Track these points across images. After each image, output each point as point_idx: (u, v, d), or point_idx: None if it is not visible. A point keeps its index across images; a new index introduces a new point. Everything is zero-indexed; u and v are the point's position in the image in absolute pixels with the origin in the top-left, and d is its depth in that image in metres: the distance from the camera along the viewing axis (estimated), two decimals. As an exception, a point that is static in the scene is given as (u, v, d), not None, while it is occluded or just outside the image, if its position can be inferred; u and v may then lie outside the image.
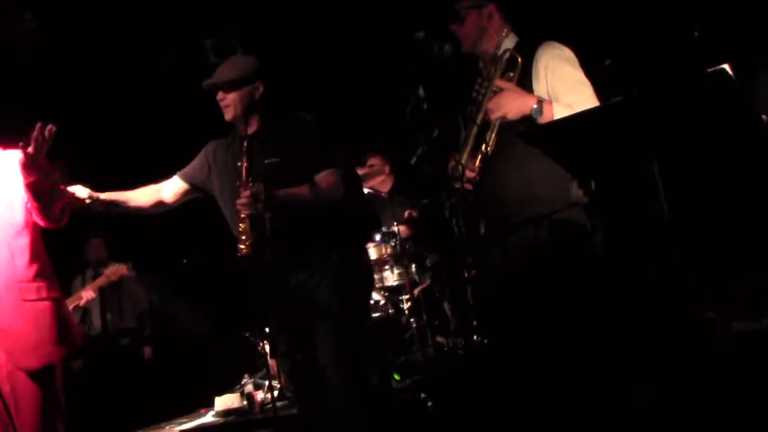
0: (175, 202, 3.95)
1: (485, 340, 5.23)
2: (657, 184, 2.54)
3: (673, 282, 3.30)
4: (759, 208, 3.87)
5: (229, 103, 3.67)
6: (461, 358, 5.26)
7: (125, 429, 5.74)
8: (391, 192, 6.21)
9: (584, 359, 3.14)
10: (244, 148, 3.61)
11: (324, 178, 3.61)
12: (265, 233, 3.51)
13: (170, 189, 3.93)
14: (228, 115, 3.71)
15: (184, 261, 3.21)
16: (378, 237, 5.88)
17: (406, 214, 6.11)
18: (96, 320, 6.86)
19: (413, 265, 5.72)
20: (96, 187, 3.67)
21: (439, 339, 5.75)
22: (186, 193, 3.93)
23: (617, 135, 2.54)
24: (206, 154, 3.92)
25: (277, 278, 3.27)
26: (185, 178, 3.92)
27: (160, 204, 3.92)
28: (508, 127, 3.19)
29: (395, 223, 5.81)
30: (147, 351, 6.96)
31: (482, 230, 3.45)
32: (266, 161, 3.59)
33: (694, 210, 4.34)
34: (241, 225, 3.53)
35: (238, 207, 3.47)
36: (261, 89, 3.71)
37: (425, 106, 3.05)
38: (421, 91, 3.07)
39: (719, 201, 4.19)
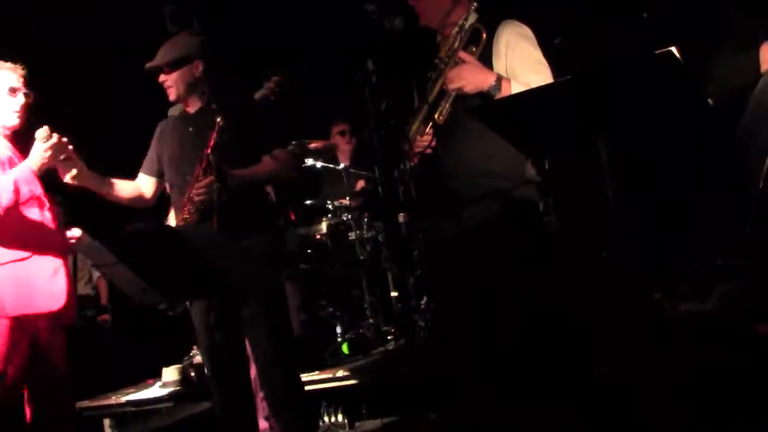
0: (153, 197, 4.04)
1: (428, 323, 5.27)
2: (604, 163, 2.55)
3: (622, 262, 3.32)
4: (706, 190, 3.91)
5: (171, 83, 3.76)
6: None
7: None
8: (348, 164, 6.19)
9: (535, 334, 3.15)
10: (213, 132, 3.57)
11: (278, 155, 3.73)
12: (212, 203, 3.54)
13: (144, 186, 4.00)
14: (171, 96, 3.80)
15: (125, 227, 3.16)
16: (330, 210, 5.86)
17: (357, 186, 6.10)
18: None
19: (364, 241, 5.70)
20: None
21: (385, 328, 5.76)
22: (157, 184, 4.00)
23: (565, 114, 2.53)
24: (156, 139, 3.99)
25: (224, 246, 3.23)
26: (149, 171, 3.98)
27: (140, 198, 4.00)
28: (464, 101, 3.17)
29: (347, 197, 5.79)
30: (104, 319, 6.89)
31: (434, 203, 3.43)
32: (219, 140, 3.58)
33: (642, 191, 4.38)
34: (190, 205, 3.62)
35: (193, 195, 3.58)
36: (200, 67, 3.76)
37: (374, 79, 3.02)
38: (370, 64, 3.04)
39: (667, 182, 4.22)
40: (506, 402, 3.20)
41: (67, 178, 3.60)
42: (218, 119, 3.57)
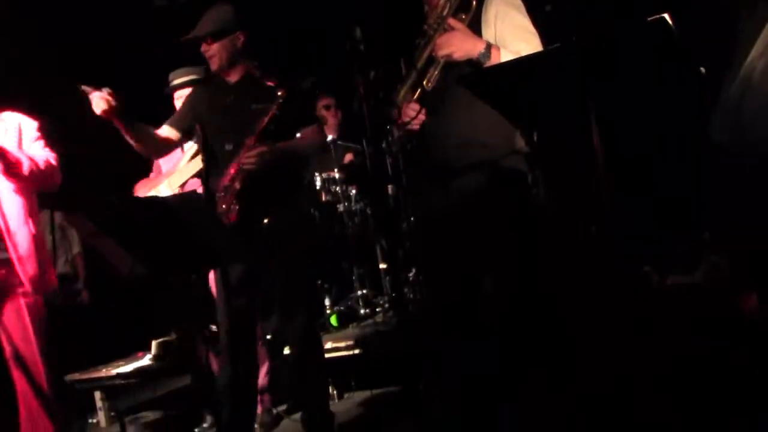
0: (169, 150, 4.14)
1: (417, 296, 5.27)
2: (594, 135, 2.53)
3: (611, 235, 3.31)
4: (695, 160, 3.90)
5: (213, 53, 3.80)
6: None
7: (62, 372, 5.69)
8: (335, 137, 6.17)
9: (523, 305, 3.15)
10: (273, 104, 3.65)
11: (312, 130, 3.90)
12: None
13: (165, 135, 4.01)
14: (213, 66, 3.86)
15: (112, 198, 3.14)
16: (318, 183, 5.85)
17: (346, 159, 6.09)
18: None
19: (352, 213, 5.69)
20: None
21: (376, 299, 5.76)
22: (179, 140, 4.06)
23: (555, 82, 2.51)
24: (192, 100, 4.04)
25: (215, 218, 3.24)
26: (176, 126, 4.00)
27: (163, 147, 4.03)
28: (453, 70, 3.15)
29: (335, 169, 5.77)
30: (84, 295, 6.89)
31: (422, 175, 3.41)
32: (253, 107, 3.71)
33: (632, 163, 4.37)
34: (235, 171, 3.68)
35: (244, 162, 3.64)
36: (242, 39, 3.83)
37: (362, 48, 2.99)
38: (357, 32, 3.01)
39: (657, 153, 4.21)
40: (494, 374, 3.20)
41: (98, 110, 3.56)
42: (279, 92, 3.64)
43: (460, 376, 3.30)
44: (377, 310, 5.64)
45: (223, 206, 3.69)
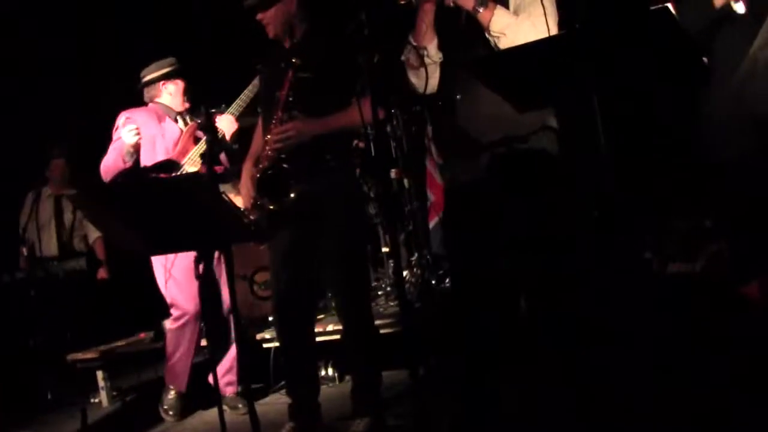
0: None
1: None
2: (597, 119, 2.54)
3: (614, 221, 3.31)
4: (696, 148, 3.89)
5: (269, 20, 3.78)
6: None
7: (66, 350, 5.74)
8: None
9: (545, 282, 3.14)
10: (287, 75, 3.64)
11: (363, 104, 3.61)
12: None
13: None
14: (270, 33, 3.82)
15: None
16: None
17: (354, 143, 6.07)
18: (46, 239, 6.78)
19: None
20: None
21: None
22: None
23: (559, 68, 2.52)
24: (263, 80, 4.07)
25: (220, 199, 3.22)
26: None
27: None
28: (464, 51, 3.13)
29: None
30: (101, 273, 6.91)
31: (451, 149, 3.38)
32: (300, 75, 3.65)
33: (634, 149, 4.38)
34: (268, 150, 3.67)
35: (273, 142, 3.63)
36: (294, 3, 3.79)
37: (366, 31, 2.98)
38: (363, 15, 3.00)
39: (659, 141, 4.22)
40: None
41: None
42: (294, 60, 3.62)
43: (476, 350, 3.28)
44: (379, 293, 5.66)
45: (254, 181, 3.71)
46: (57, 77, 7.30)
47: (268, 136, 3.70)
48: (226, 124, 4.64)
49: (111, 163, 4.65)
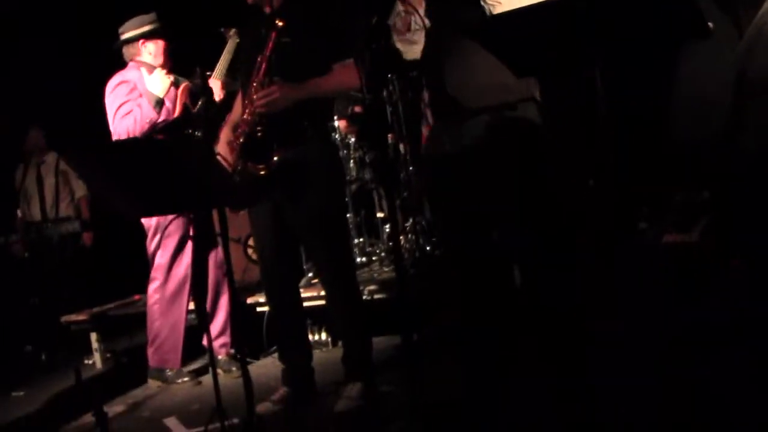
0: None
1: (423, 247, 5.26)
2: (597, 87, 2.51)
3: (609, 191, 3.29)
4: (695, 115, 3.87)
5: None
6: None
7: (60, 312, 5.75)
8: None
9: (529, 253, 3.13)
10: (269, 38, 3.57)
11: (344, 69, 3.67)
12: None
13: None
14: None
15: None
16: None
17: (350, 110, 6.04)
18: (34, 208, 6.84)
19: (351, 161, 5.66)
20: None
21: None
22: None
23: (559, 34, 2.48)
24: (243, 45, 4.04)
25: (211, 160, 3.19)
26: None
27: None
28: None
29: (336, 118, 5.73)
30: (86, 237, 6.94)
31: (437, 115, 3.34)
32: (282, 40, 3.58)
33: (634, 118, 4.34)
34: (248, 115, 3.62)
35: (255, 105, 3.58)
36: None
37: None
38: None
39: (658, 109, 4.17)
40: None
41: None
42: (278, 21, 3.54)
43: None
44: (373, 258, 5.66)
45: (233, 146, 3.68)
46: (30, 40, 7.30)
47: (246, 101, 3.66)
48: (215, 89, 4.59)
49: (138, 120, 4.54)
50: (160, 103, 4.53)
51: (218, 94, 4.58)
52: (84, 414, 4.27)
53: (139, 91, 4.60)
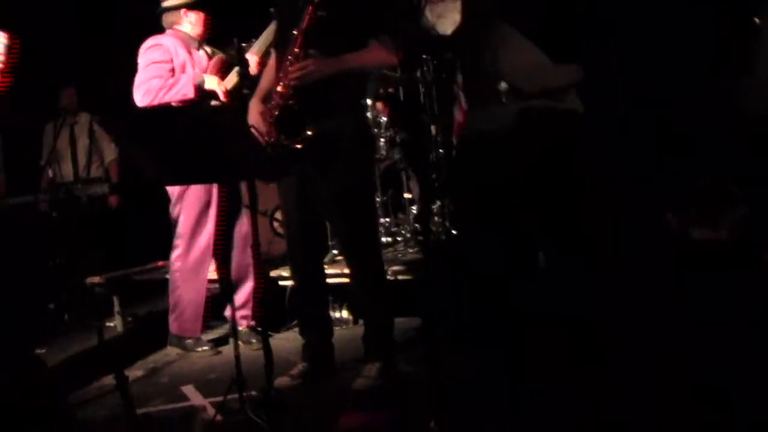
0: None
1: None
2: (616, 76, 2.48)
3: (633, 180, 3.25)
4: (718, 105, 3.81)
5: None
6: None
7: (82, 274, 5.78)
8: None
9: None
10: (306, 11, 3.55)
11: (381, 45, 3.65)
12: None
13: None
14: None
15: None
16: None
17: (382, 90, 6.00)
18: (66, 168, 6.89)
19: (381, 140, 5.64)
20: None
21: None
22: None
23: (578, 24, 2.45)
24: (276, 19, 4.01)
25: (247, 133, 3.18)
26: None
27: None
28: None
29: (369, 98, 5.70)
30: (112, 200, 6.98)
31: (463, 104, 3.31)
32: (318, 13, 3.56)
33: (652, 104, 4.27)
34: (283, 87, 3.59)
35: (289, 78, 3.55)
36: None
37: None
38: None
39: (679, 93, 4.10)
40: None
41: None
42: (308, 7, 3.52)
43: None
44: (398, 239, 5.65)
45: (266, 118, 3.66)
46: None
47: (281, 74, 3.64)
48: (251, 63, 4.59)
49: (164, 87, 4.55)
50: (200, 88, 4.53)
51: (253, 69, 4.57)
52: (104, 375, 4.29)
53: (171, 57, 4.61)
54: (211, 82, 4.52)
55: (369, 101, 5.62)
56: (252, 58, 4.57)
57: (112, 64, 5.05)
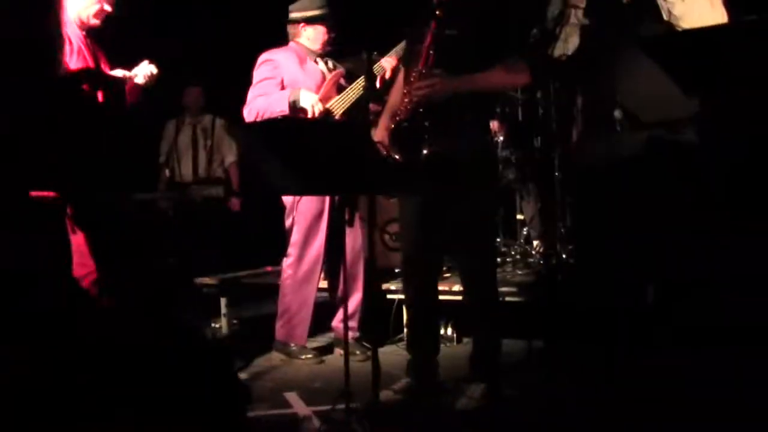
0: None
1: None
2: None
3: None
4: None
5: None
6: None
7: (195, 273, 5.90)
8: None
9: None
10: (428, 28, 3.59)
11: (514, 67, 3.64)
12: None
13: None
14: None
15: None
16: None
17: (499, 109, 5.98)
18: (185, 167, 7.03)
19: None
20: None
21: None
22: None
23: (741, 56, 2.38)
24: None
25: (369, 145, 3.20)
26: None
27: None
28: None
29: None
30: (234, 203, 7.10)
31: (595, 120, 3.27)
32: (447, 32, 3.58)
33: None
34: (408, 102, 3.61)
35: (414, 94, 3.57)
36: None
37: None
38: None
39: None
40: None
41: None
42: (437, 11, 3.54)
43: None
44: (507, 260, 5.60)
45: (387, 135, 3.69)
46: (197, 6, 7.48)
47: (406, 90, 3.66)
48: (388, 64, 4.62)
49: (265, 106, 4.60)
50: (294, 108, 4.54)
51: (389, 71, 4.61)
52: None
53: (280, 72, 4.68)
54: (307, 99, 4.53)
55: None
56: (389, 61, 4.61)
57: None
